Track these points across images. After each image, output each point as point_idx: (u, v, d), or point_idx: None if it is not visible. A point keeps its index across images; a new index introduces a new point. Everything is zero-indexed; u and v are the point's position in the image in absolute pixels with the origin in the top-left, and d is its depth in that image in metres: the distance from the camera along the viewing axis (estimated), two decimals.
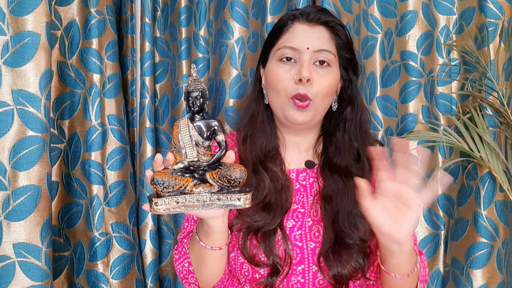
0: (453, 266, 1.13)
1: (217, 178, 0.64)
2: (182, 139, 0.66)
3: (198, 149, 0.67)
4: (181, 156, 0.66)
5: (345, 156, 0.87)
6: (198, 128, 0.67)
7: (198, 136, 0.66)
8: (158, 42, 1.29)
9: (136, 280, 1.13)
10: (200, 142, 0.67)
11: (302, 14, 0.87)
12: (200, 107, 0.67)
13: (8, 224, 0.89)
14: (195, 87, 0.67)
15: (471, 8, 1.15)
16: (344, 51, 0.87)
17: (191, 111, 0.67)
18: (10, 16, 0.89)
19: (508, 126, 1.07)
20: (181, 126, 0.67)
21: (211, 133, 0.67)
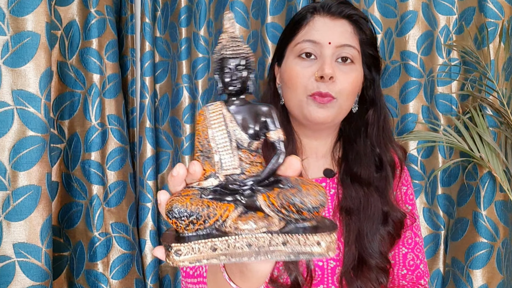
0: (453, 266, 1.13)
1: (278, 205, 0.39)
2: (214, 137, 0.43)
3: (241, 153, 0.43)
4: (213, 166, 0.43)
5: (366, 164, 0.79)
6: (240, 120, 0.43)
7: (240, 133, 0.43)
8: (158, 42, 1.29)
9: (136, 280, 1.13)
10: (244, 143, 0.43)
11: (323, 6, 0.79)
12: (242, 84, 0.43)
13: (8, 224, 0.89)
14: (235, 51, 0.43)
15: (471, 8, 1.15)
16: (367, 47, 0.79)
17: (228, 92, 0.44)
18: (10, 16, 0.89)
19: (508, 126, 1.07)
20: (211, 116, 0.43)
21: (260, 127, 0.43)
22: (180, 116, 1.26)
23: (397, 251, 0.85)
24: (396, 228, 0.80)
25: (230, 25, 0.45)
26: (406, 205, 0.88)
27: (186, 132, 1.26)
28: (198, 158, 0.44)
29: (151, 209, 1.20)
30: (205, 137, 0.43)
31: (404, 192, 0.89)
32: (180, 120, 1.26)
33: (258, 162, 0.44)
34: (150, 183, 1.20)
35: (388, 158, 0.81)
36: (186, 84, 1.26)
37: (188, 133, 1.26)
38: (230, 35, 0.44)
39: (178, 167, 0.41)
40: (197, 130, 0.45)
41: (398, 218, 0.79)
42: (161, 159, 1.29)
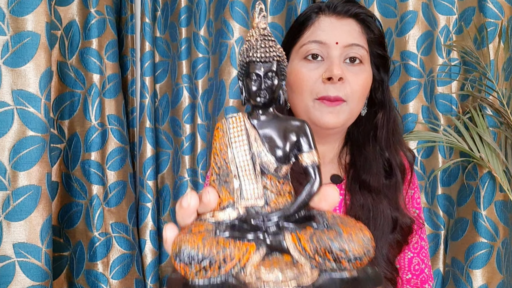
0: (453, 266, 1.13)
1: (311, 250, 0.32)
2: (234, 159, 0.35)
3: (266, 180, 0.36)
4: (231, 194, 0.35)
5: (375, 171, 0.75)
6: (267, 138, 0.36)
7: (266, 155, 0.35)
8: (158, 42, 1.29)
9: (136, 280, 1.13)
10: (271, 167, 0.35)
11: (329, 6, 0.76)
12: (271, 94, 0.36)
13: (8, 224, 0.88)
14: (266, 54, 0.35)
15: (471, 8, 1.15)
16: (376, 46, 0.76)
17: (254, 103, 0.36)
18: (10, 16, 0.89)
19: (508, 126, 1.07)
20: (232, 132, 0.36)
21: (291, 148, 0.36)
22: (180, 116, 1.26)
23: (402, 256, 0.84)
24: (404, 235, 0.77)
25: (260, 20, 0.36)
26: (413, 209, 0.87)
27: (186, 132, 1.26)
28: (214, 183, 0.36)
29: (151, 209, 1.20)
30: (223, 158, 0.36)
31: (411, 195, 0.87)
32: (180, 120, 1.26)
33: (287, 191, 0.36)
34: (150, 183, 1.20)
35: (398, 162, 0.77)
36: (186, 84, 1.26)
37: (188, 133, 1.26)
38: (261, 32, 0.36)
39: (189, 197, 0.34)
40: (214, 148, 0.36)
41: (407, 224, 0.77)
42: (161, 159, 1.29)
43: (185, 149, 1.25)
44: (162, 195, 1.29)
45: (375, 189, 0.74)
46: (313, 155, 0.36)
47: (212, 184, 0.36)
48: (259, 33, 0.36)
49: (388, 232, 0.73)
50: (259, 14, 0.36)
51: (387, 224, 0.72)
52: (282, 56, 0.36)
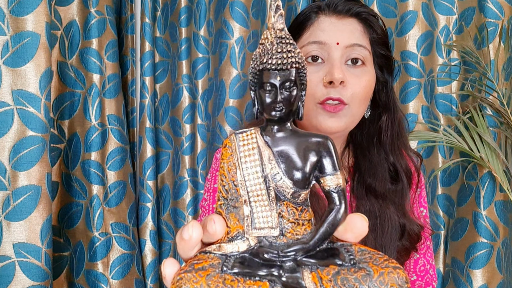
0: (453, 266, 1.13)
1: None
2: (245, 182, 0.31)
3: (282, 207, 0.31)
4: (240, 222, 0.31)
5: (381, 176, 0.73)
6: (283, 158, 0.31)
7: (282, 177, 0.31)
8: (158, 42, 1.29)
9: (136, 280, 1.13)
10: (287, 192, 0.31)
11: (329, 5, 0.73)
12: (289, 106, 0.31)
13: (8, 224, 0.88)
14: (284, 60, 0.31)
15: (471, 8, 1.15)
16: (379, 46, 0.74)
17: (268, 117, 0.32)
18: (10, 16, 0.89)
19: (508, 126, 1.07)
20: (242, 151, 0.32)
21: (311, 169, 0.31)
22: (180, 116, 1.26)
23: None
24: (413, 242, 0.76)
25: (277, 19, 0.31)
26: (421, 208, 0.85)
27: (186, 132, 1.26)
28: (221, 208, 0.32)
29: (151, 209, 1.20)
30: (232, 179, 0.31)
31: (419, 194, 0.84)
32: (180, 120, 1.26)
33: (306, 220, 0.31)
34: (150, 183, 1.20)
35: (404, 167, 0.75)
36: (186, 84, 1.26)
37: (188, 133, 1.26)
38: (277, 34, 0.31)
39: (191, 228, 0.30)
40: (221, 168, 0.32)
41: (415, 232, 0.75)
42: (161, 159, 1.29)
43: (185, 149, 1.25)
44: (162, 195, 1.29)
45: (381, 194, 0.72)
46: (337, 177, 0.31)
47: (218, 210, 0.32)
48: (275, 35, 0.31)
49: (396, 239, 0.71)
50: (275, 13, 0.31)
51: (394, 231, 0.70)
52: (302, 62, 0.31)
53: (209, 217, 0.31)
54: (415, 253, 0.81)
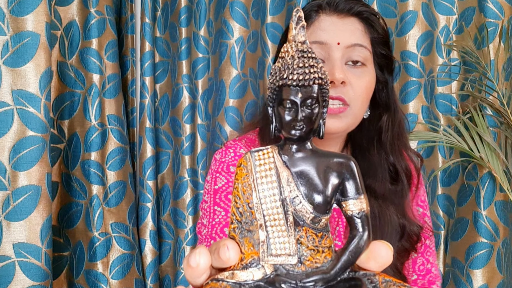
0: (453, 266, 1.13)
1: None
2: (261, 205, 0.29)
3: (301, 232, 0.29)
4: (255, 247, 0.29)
5: (381, 177, 0.72)
6: (303, 180, 0.29)
7: (302, 201, 0.29)
8: (158, 42, 1.29)
9: (136, 280, 1.13)
10: (307, 217, 0.29)
11: (329, 4, 0.72)
12: (310, 125, 0.29)
13: (8, 224, 0.88)
14: (306, 76, 0.29)
15: (471, 8, 1.15)
16: (380, 46, 0.73)
17: (287, 136, 0.30)
18: (10, 16, 0.89)
19: (508, 126, 1.07)
20: (259, 171, 0.30)
21: (333, 192, 0.29)
22: (180, 116, 1.26)
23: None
24: (413, 242, 0.75)
25: (299, 31, 0.29)
26: (417, 207, 0.84)
27: (186, 132, 1.26)
28: (235, 232, 0.30)
29: (151, 209, 1.20)
30: (247, 202, 0.29)
31: (415, 193, 0.83)
32: (180, 120, 1.26)
33: (326, 246, 0.29)
34: (150, 183, 1.20)
35: (404, 167, 0.74)
36: (186, 84, 1.26)
37: (188, 133, 1.26)
38: (299, 48, 0.29)
39: (198, 254, 0.28)
40: (235, 189, 0.30)
41: (415, 232, 0.74)
42: (161, 159, 1.29)
43: (185, 149, 1.25)
44: (162, 195, 1.29)
45: (381, 195, 0.71)
46: (361, 202, 0.29)
47: (232, 233, 0.30)
48: (296, 48, 0.29)
49: (396, 240, 0.70)
50: (297, 24, 0.29)
51: (395, 232, 0.70)
52: (325, 78, 0.30)
53: (222, 242, 0.29)
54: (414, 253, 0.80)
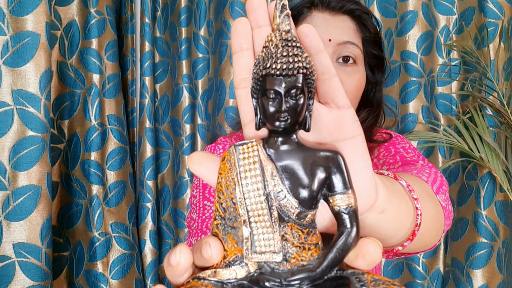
0: (453, 266, 1.13)
1: None
2: (244, 200, 0.28)
3: (286, 228, 0.28)
4: (239, 244, 0.28)
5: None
6: (288, 174, 0.28)
7: (287, 195, 0.28)
8: (158, 42, 1.29)
9: (136, 280, 1.13)
10: (292, 212, 0.28)
11: (322, 1, 0.71)
12: (295, 116, 0.28)
13: (8, 224, 0.88)
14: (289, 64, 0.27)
15: (471, 8, 1.15)
16: (371, 46, 0.72)
17: (271, 128, 0.29)
18: (10, 16, 0.89)
19: (508, 126, 1.07)
20: (242, 165, 0.28)
21: (319, 187, 0.28)
22: (180, 116, 1.26)
23: None
24: None
25: (283, 20, 0.28)
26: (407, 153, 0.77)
27: (186, 132, 1.26)
28: (218, 229, 0.29)
29: (151, 209, 1.20)
30: (230, 197, 0.28)
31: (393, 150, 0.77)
32: (180, 120, 1.26)
33: (313, 243, 0.28)
34: (150, 183, 1.20)
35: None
36: (186, 84, 1.26)
37: (188, 133, 1.26)
38: (283, 37, 0.28)
39: (178, 252, 0.27)
40: (219, 184, 0.29)
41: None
42: (161, 159, 1.29)
43: (185, 149, 1.25)
44: (162, 195, 1.29)
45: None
46: (348, 197, 0.28)
47: (215, 230, 0.29)
48: (280, 37, 0.28)
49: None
50: (281, 13, 0.28)
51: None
52: (310, 68, 0.28)
53: (204, 240, 0.28)
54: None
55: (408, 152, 0.75)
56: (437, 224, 0.49)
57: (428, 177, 0.58)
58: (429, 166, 0.68)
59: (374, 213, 0.33)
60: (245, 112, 0.32)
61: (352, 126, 0.30)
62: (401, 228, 0.40)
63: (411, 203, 0.42)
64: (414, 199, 0.43)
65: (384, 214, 0.34)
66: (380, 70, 0.75)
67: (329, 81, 0.30)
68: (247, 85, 0.31)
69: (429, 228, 0.46)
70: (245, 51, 0.31)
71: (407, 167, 0.64)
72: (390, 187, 0.36)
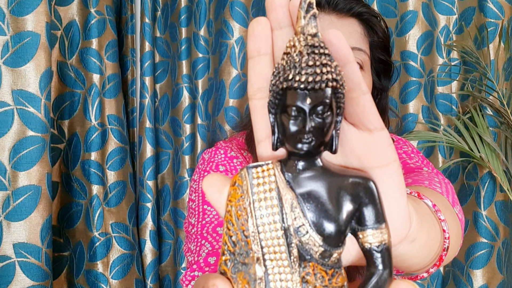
0: (453, 266, 1.13)
1: None
2: (258, 234, 0.24)
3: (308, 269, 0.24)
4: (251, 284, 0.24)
5: None
6: (311, 205, 0.24)
7: (309, 231, 0.24)
8: (158, 42, 1.29)
9: (136, 280, 1.13)
10: (315, 250, 0.24)
11: (329, 2, 0.67)
12: (320, 138, 0.24)
13: (8, 224, 0.88)
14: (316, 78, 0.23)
15: (471, 8, 1.15)
16: (378, 51, 0.70)
17: (292, 150, 0.24)
18: (10, 16, 0.89)
19: (508, 126, 1.07)
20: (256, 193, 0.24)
21: (347, 219, 0.24)
22: (180, 116, 1.26)
23: None
24: None
25: (309, 21, 0.23)
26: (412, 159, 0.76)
27: (186, 132, 1.26)
28: (226, 266, 0.25)
29: (151, 209, 1.20)
30: (242, 229, 0.24)
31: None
32: (180, 120, 1.26)
33: (338, 286, 0.24)
34: (150, 183, 1.20)
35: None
36: (186, 84, 1.26)
37: (188, 133, 1.26)
38: (309, 42, 0.23)
39: None
40: (228, 213, 0.25)
41: None
42: (161, 159, 1.29)
43: (185, 149, 1.25)
44: (162, 195, 1.29)
45: None
46: (382, 232, 0.24)
47: (222, 267, 0.25)
48: (305, 42, 0.23)
49: None
50: (306, 13, 0.23)
51: None
52: (341, 80, 0.23)
53: (211, 282, 0.24)
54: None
55: (411, 158, 0.73)
56: (457, 240, 0.47)
57: (441, 188, 0.55)
58: (435, 173, 0.66)
59: (405, 242, 0.30)
60: (260, 128, 0.28)
61: (386, 152, 0.26)
62: (429, 255, 0.37)
63: (438, 226, 0.39)
64: (441, 220, 0.40)
65: (415, 243, 0.31)
66: (387, 76, 0.72)
67: (358, 99, 0.26)
68: (263, 96, 0.27)
69: (453, 248, 0.44)
70: (263, 56, 0.26)
71: (414, 176, 0.61)
72: (419, 211, 0.33)
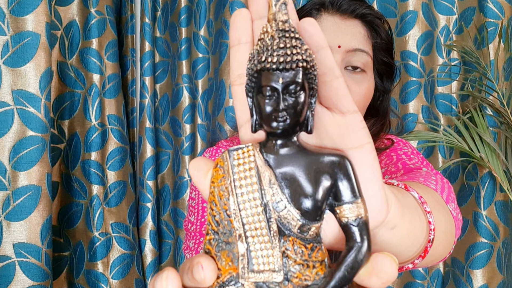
0: (453, 266, 1.13)
1: None
2: (239, 212, 0.25)
3: (287, 244, 0.25)
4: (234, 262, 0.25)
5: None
6: (288, 182, 0.25)
7: (288, 206, 0.25)
8: (158, 42, 1.29)
9: (136, 280, 1.13)
10: (294, 225, 0.25)
11: (333, 3, 0.67)
12: (295, 116, 0.25)
13: (8, 224, 0.88)
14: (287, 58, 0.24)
15: (471, 8, 1.15)
16: (381, 53, 0.69)
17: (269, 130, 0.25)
18: (10, 16, 0.89)
19: (508, 126, 1.07)
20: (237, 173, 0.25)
21: (324, 196, 0.25)
22: (180, 116, 1.26)
23: None
24: None
25: (279, 8, 0.25)
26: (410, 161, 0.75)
27: (186, 132, 1.26)
28: (210, 245, 0.26)
29: (151, 209, 1.20)
30: (224, 208, 0.25)
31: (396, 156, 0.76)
32: (180, 120, 1.26)
33: (318, 260, 0.24)
34: (150, 183, 1.20)
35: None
36: (186, 84, 1.26)
37: (188, 133, 1.26)
38: (280, 27, 0.25)
39: (165, 279, 0.24)
40: (211, 194, 0.26)
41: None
42: (161, 159, 1.29)
43: (185, 149, 1.25)
44: (162, 195, 1.29)
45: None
46: (358, 207, 0.24)
47: (207, 246, 0.26)
48: (276, 27, 0.25)
49: None
50: (277, 1, 0.25)
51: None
52: (311, 61, 0.25)
53: (196, 260, 0.25)
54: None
55: (410, 158, 0.73)
56: (449, 236, 0.46)
57: (436, 185, 0.55)
58: (434, 173, 0.66)
59: (385, 229, 0.30)
60: (240, 112, 0.29)
61: (359, 134, 0.27)
62: (413, 245, 0.36)
63: (424, 217, 0.38)
64: (427, 212, 0.40)
65: (396, 230, 0.31)
66: (389, 78, 0.72)
67: (331, 83, 0.27)
68: (243, 82, 0.28)
69: (442, 242, 0.44)
70: (244, 45, 0.28)
71: (412, 174, 0.61)
72: (401, 200, 0.33)
